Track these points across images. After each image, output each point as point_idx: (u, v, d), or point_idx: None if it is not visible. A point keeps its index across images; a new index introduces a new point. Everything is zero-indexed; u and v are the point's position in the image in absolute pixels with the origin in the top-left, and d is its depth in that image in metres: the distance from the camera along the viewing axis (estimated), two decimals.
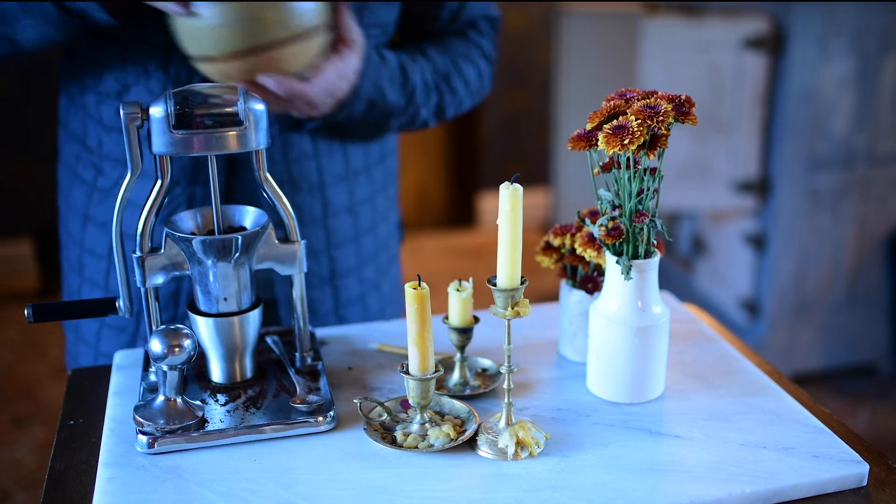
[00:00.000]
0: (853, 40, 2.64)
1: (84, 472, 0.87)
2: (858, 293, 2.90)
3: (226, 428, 0.90)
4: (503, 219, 0.85)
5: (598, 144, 0.88)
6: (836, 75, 2.66)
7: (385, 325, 1.17)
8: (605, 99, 0.93)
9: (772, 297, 2.85)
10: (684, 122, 0.89)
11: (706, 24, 2.80)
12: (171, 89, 0.91)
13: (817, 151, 2.72)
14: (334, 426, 0.93)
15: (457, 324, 0.99)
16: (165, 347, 0.87)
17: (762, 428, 0.92)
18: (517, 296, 0.87)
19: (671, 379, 1.01)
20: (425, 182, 4.33)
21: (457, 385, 1.01)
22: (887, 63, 2.69)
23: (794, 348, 2.91)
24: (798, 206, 2.76)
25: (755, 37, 2.71)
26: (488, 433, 0.90)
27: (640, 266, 0.93)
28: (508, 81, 4.17)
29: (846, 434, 0.92)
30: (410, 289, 0.87)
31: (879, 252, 2.88)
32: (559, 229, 1.05)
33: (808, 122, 2.68)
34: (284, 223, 0.98)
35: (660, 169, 0.91)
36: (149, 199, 0.93)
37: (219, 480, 0.84)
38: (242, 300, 0.96)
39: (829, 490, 0.84)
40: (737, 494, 0.81)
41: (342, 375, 1.04)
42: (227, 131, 0.90)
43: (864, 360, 2.99)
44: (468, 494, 0.82)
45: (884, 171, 2.79)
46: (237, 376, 0.99)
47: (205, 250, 0.92)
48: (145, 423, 0.89)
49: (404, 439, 0.89)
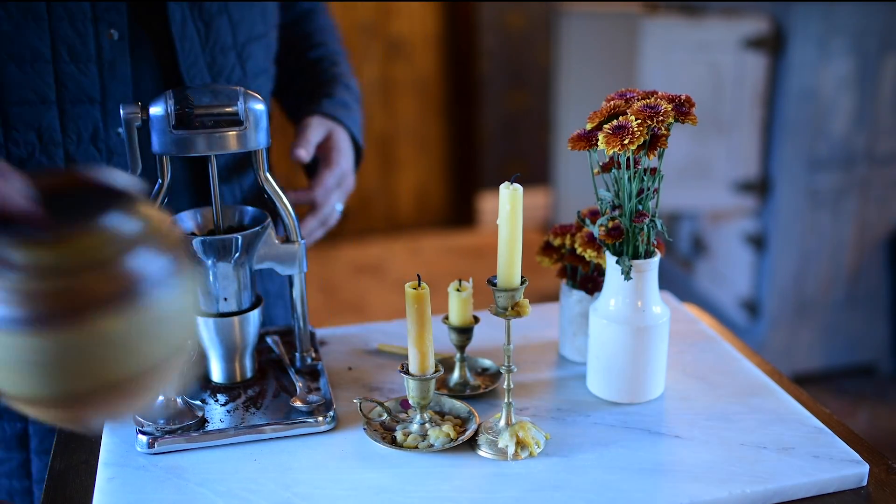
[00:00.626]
0: (853, 40, 2.64)
1: (84, 472, 0.87)
2: (858, 293, 2.90)
3: (226, 428, 0.90)
4: (503, 219, 0.85)
5: (598, 144, 0.88)
6: (836, 75, 2.66)
7: (385, 325, 1.17)
8: (605, 99, 0.93)
9: (772, 297, 2.85)
10: (684, 122, 0.89)
11: (706, 24, 2.80)
12: (171, 89, 0.91)
13: (817, 151, 2.72)
14: (334, 426, 0.93)
15: (457, 324, 0.99)
16: None
17: (762, 428, 0.92)
18: (517, 296, 0.87)
19: (671, 379, 1.01)
20: (425, 182, 4.33)
21: (457, 385, 1.01)
22: (887, 63, 2.69)
23: (794, 348, 2.91)
24: (798, 206, 2.76)
25: (755, 37, 2.71)
26: (488, 433, 0.90)
27: (640, 266, 0.93)
28: (508, 81, 4.17)
29: (846, 434, 0.92)
30: (410, 289, 0.87)
31: (879, 252, 2.88)
32: (559, 229, 1.05)
33: (807, 122, 2.68)
34: (284, 223, 0.98)
35: (660, 169, 0.91)
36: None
37: (219, 480, 0.84)
38: (242, 300, 0.96)
39: (829, 490, 0.84)
40: (737, 494, 0.81)
41: (342, 375, 1.04)
42: (227, 131, 0.90)
43: (864, 360, 2.99)
44: (468, 494, 0.82)
45: (884, 171, 2.78)
46: (237, 376, 0.99)
47: (205, 250, 0.92)
48: (145, 423, 0.89)
49: (404, 439, 0.89)
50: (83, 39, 1.01)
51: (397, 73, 4.12)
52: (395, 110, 4.17)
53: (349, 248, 4.08)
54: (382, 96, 4.13)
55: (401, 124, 4.19)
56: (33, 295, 0.59)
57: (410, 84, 4.15)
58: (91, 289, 0.59)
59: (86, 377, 0.61)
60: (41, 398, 0.62)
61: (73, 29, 1.01)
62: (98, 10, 1.01)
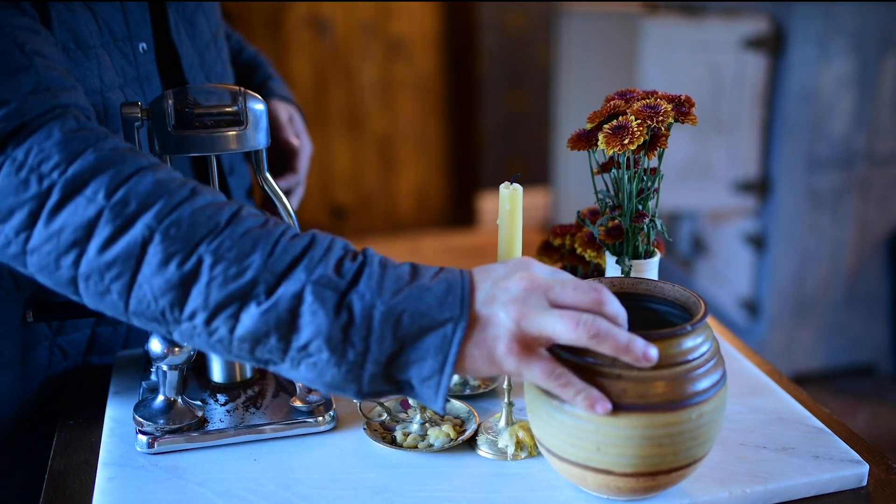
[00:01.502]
0: (853, 40, 2.64)
1: (84, 472, 0.87)
2: (858, 293, 2.90)
3: (226, 428, 0.90)
4: (503, 219, 0.85)
5: (598, 144, 0.88)
6: (836, 75, 2.66)
7: None
8: (605, 99, 0.92)
9: (772, 297, 2.85)
10: (684, 122, 0.89)
11: (706, 24, 2.80)
12: (171, 89, 0.91)
13: (817, 151, 2.72)
14: (334, 426, 0.93)
15: None
16: (165, 347, 0.87)
17: (762, 428, 0.91)
18: None
19: None
20: (425, 182, 4.33)
21: (457, 385, 1.01)
22: (887, 63, 2.69)
23: (794, 348, 2.91)
24: (798, 206, 2.76)
25: (755, 37, 2.71)
26: (488, 433, 0.90)
27: (639, 266, 0.93)
28: (508, 81, 4.17)
29: (846, 434, 0.92)
30: None
31: (879, 252, 2.88)
32: (559, 229, 1.05)
33: (807, 122, 2.68)
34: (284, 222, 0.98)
35: (660, 169, 0.91)
36: None
37: (218, 480, 0.84)
38: None
39: (829, 490, 0.84)
40: (737, 494, 0.81)
41: None
42: (226, 131, 0.90)
43: (864, 360, 2.99)
44: (468, 494, 0.82)
45: (884, 171, 2.79)
46: (237, 376, 0.99)
47: None
48: (145, 422, 0.89)
49: (404, 439, 0.89)
50: (127, 59, 1.00)
51: (397, 73, 4.12)
52: (394, 110, 4.17)
53: None
54: (382, 96, 4.13)
55: (401, 124, 4.19)
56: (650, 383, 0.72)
57: (410, 84, 4.15)
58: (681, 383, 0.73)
59: (677, 455, 0.74)
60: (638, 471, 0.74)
61: (118, 51, 0.99)
62: (131, 26, 1.00)
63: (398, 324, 0.69)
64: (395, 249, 4.09)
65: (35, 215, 0.71)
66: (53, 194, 0.70)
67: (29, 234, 0.71)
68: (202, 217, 0.71)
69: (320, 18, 3.95)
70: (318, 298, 0.69)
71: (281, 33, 3.91)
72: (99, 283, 0.71)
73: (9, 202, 0.71)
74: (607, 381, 0.72)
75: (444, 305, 0.70)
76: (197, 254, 0.70)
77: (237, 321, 0.70)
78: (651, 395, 0.72)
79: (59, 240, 0.70)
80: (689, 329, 0.73)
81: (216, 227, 0.71)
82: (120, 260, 0.70)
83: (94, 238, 0.70)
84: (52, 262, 0.71)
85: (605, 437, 0.73)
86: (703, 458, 0.77)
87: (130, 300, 0.71)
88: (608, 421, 0.72)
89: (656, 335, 0.72)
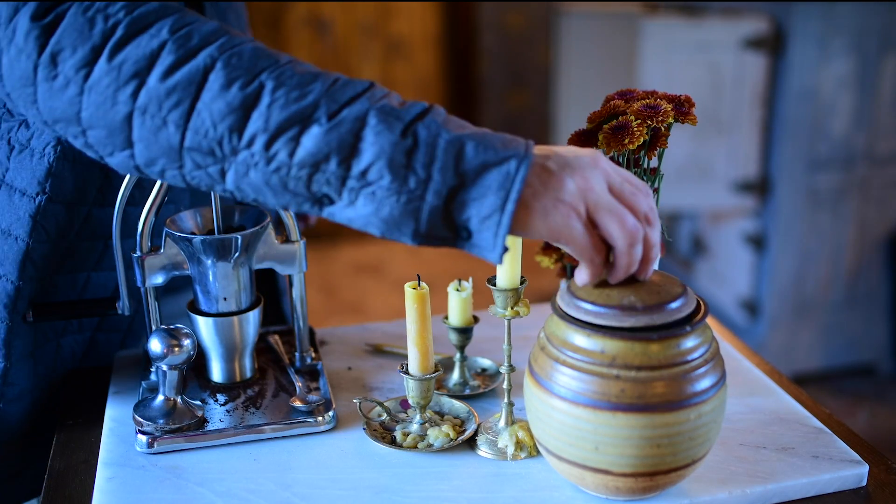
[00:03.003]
0: (853, 40, 2.64)
1: (84, 472, 0.87)
2: (858, 293, 2.90)
3: (225, 428, 0.90)
4: None
5: (598, 144, 0.88)
6: (836, 75, 2.66)
7: (385, 325, 1.17)
8: (605, 99, 0.92)
9: (772, 297, 2.85)
10: (684, 122, 0.89)
11: (706, 24, 2.80)
12: None
13: (817, 151, 2.72)
14: (334, 426, 0.93)
15: (456, 324, 0.99)
16: (165, 347, 0.87)
17: (762, 428, 0.91)
18: (517, 296, 0.87)
19: None
20: None
21: (456, 385, 1.01)
22: (887, 63, 2.69)
23: (794, 348, 2.91)
24: (798, 206, 2.76)
25: (755, 37, 2.71)
26: (488, 433, 0.90)
27: None
28: (508, 81, 4.17)
29: (846, 434, 0.92)
30: (410, 289, 0.87)
31: (879, 252, 2.88)
32: None
33: (807, 122, 2.68)
34: (284, 223, 0.98)
35: (660, 169, 0.91)
36: (149, 199, 0.93)
37: (218, 480, 0.84)
38: (242, 300, 0.96)
39: (829, 490, 0.84)
40: (737, 494, 0.81)
41: (342, 375, 1.04)
42: None
43: (864, 360, 2.99)
44: (468, 494, 0.82)
45: (884, 171, 2.78)
46: (237, 376, 0.99)
47: (205, 250, 0.92)
48: (145, 422, 0.89)
49: (404, 439, 0.89)
50: None
51: (397, 73, 4.12)
52: None
53: (349, 248, 4.08)
54: None
55: None
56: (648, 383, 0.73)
57: (410, 84, 4.15)
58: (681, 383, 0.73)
59: (675, 456, 0.75)
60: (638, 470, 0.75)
61: None
62: None
63: (461, 154, 0.68)
64: (395, 249, 4.09)
65: (98, 50, 0.70)
66: (118, 31, 0.70)
67: (89, 71, 0.70)
68: (263, 52, 0.71)
69: (320, 18, 3.95)
70: (382, 121, 0.68)
71: (281, 33, 3.91)
72: (156, 114, 0.70)
73: (71, 39, 0.70)
74: (606, 381, 0.72)
75: (509, 146, 0.69)
76: (259, 80, 0.69)
77: (298, 144, 0.69)
78: (650, 395, 0.72)
79: (120, 72, 0.70)
80: (688, 329, 0.73)
81: (277, 62, 0.71)
82: (181, 86, 0.69)
83: (155, 67, 0.69)
84: (110, 96, 0.70)
85: (603, 437, 0.73)
86: (702, 458, 0.77)
87: (187, 131, 0.70)
88: (607, 421, 0.72)
89: (656, 335, 0.72)
